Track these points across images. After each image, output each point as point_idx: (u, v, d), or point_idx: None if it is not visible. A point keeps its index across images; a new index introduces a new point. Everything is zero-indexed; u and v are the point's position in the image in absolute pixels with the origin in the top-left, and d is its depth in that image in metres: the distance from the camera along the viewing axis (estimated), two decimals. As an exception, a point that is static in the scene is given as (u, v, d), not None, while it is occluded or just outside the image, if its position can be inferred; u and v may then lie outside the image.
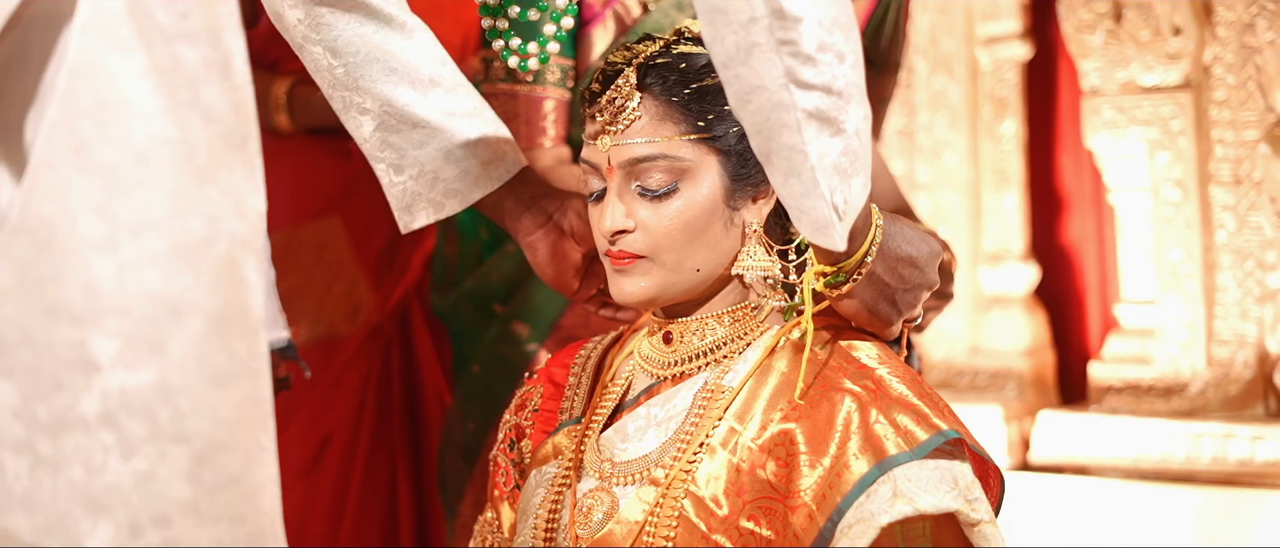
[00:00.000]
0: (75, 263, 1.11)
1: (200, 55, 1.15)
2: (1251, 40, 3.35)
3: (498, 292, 2.41)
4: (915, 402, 1.47)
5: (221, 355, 1.15)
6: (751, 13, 1.32)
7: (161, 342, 1.12)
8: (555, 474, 1.64)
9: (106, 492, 1.11)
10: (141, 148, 1.13)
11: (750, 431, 1.50)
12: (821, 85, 1.36)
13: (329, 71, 1.67)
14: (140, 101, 1.12)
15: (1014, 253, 3.90)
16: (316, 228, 2.83)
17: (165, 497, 1.12)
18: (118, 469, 1.11)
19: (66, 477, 1.11)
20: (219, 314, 1.15)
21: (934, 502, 1.40)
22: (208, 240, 1.15)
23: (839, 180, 1.40)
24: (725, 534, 1.48)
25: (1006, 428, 3.69)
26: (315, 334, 2.80)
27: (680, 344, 1.61)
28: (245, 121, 1.18)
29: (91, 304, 1.11)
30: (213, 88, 1.15)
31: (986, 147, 3.96)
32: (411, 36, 1.69)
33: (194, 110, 1.14)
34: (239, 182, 1.17)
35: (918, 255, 1.54)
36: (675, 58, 1.54)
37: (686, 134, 1.53)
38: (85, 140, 1.11)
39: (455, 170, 1.72)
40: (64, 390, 1.11)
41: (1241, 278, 3.40)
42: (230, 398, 1.15)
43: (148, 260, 1.12)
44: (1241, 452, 3.28)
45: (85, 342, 1.11)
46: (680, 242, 1.54)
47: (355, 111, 1.70)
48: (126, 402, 1.11)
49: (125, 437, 1.11)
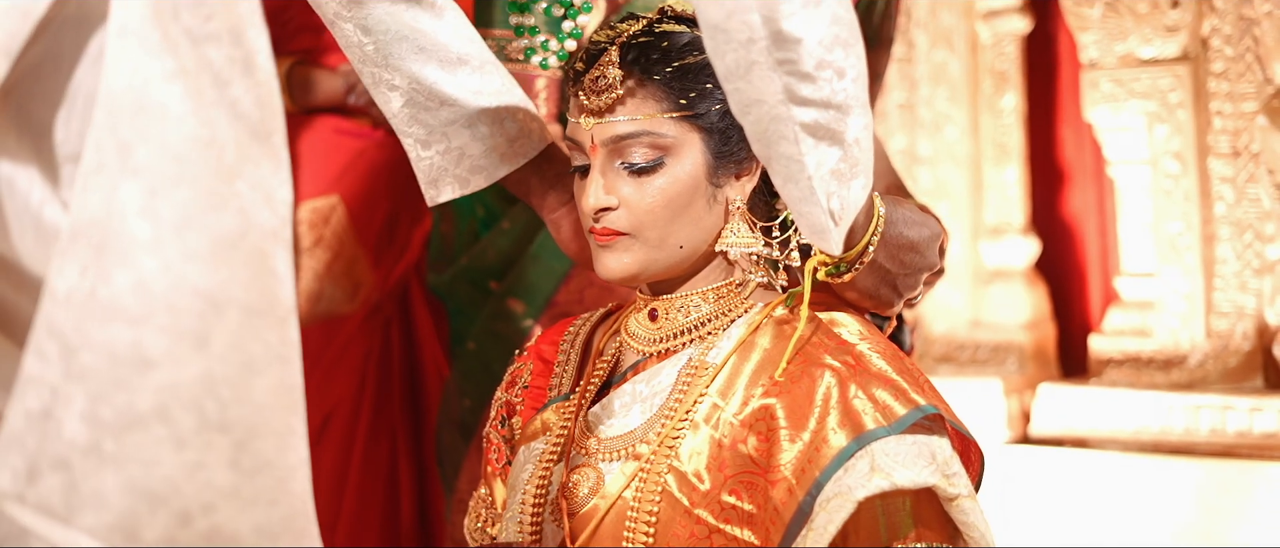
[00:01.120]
0: (126, 264, 1.15)
1: (224, 55, 1.19)
2: (1249, 12, 3.35)
3: (493, 269, 2.43)
4: (894, 377, 1.48)
5: (256, 345, 1.19)
6: (750, 34, 1.35)
7: (206, 335, 1.16)
8: (543, 450, 1.66)
9: (162, 484, 1.16)
10: (177, 149, 1.16)
11: (732, 406, 1.52)
12: (820, 101, 1.39)
13: (359, 48, 1.70)
14: (172, 104, 1.16)
15: (1014, 226, 3.91)
16: (317, 207, 2.84)
17: (212, 485, 1.17)
18: (171, 462, 1.16)
19: (127, 474, 1.15)
20: (252, 305, 1.19)
21: (911, 477, 1.42)
22: (241, 234, 1.19)
23: (837, 185, 1.44)
24: (707, 509, 1.49)
25: (1007, 401, 3.70)
26: (316, 312, 2.82)
27: (665, 321, 1.63)
28: (270, 115, 1.21)
29: (143, 303, 1.15)
30: (238, 85, 1.19)
31: (987, 120, 3.96)
32: (441, 15, 1.71)
33: (220, 109, 1.18)
34: (266, 175, 1.21)
35: (919, 240, 1.58)
36: (658, 36, 1.56)
37: (669, 112, 1.54)
38: (126, 143, 1.16)
39: (481, 147, 1.74)
40: (123, 389, 1.15)
41: (1240, 250, 3.40)
42: (264, 385, 1.19)
43: (189, 257, 1.17)
44: (1239, 424, 3.28)
45: (140, 340, 1.15)
46: (663, 219, 1.55)
47: (384, 88, 1.72)
48: (178, 396, 1.16)
49: (177, 430, 1.16)
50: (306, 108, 2.85)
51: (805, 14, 1.35)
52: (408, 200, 2.88)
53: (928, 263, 1.59)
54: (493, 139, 1.75)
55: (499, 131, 1.75)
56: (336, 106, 2.84)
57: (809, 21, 1.36)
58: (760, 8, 1.34)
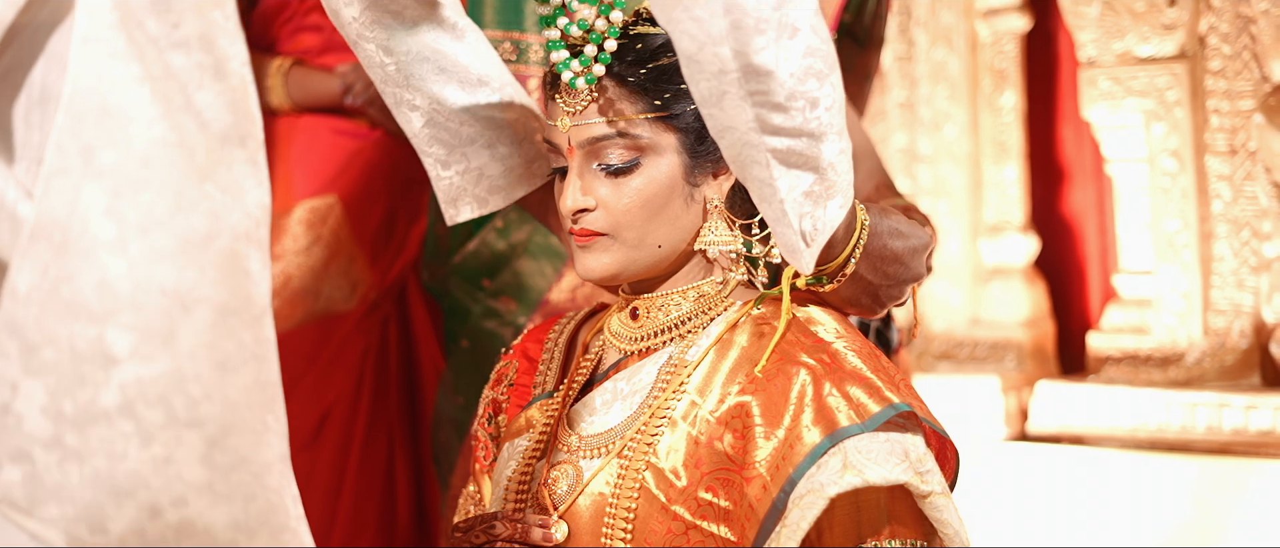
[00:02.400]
0: (89, 263, 1.17)
1: (194, 61, 1.20)
2: (1246, 10, 3.35)
3: (486, 268, 2.45)
4: (869, 375, 1.49)
5: (229, 343, 1.20)
6: (721, 66, 1.37)
7: (173, 333, 1.18)
8: (526, 447, 1.67)
9: (128, 478, 1.17)
10: (143, 151, 1.18)
11: (709, 403, 1.53)
12: (792, 130, 1.41)
13: (381, 68, 1.72)
14: (138, 108, 1.18)
15: (1014, 224, 3.92)
16: (314, 206, 2.86)
17: (182, 479, 1.18)
18: (138, 456, 1.17)
19: (92, 467, 1.17)
20: (225, 304, 1.20)
21: (883, 474, 1.43)
22: (211, 235, 1.20)
23: (810, 206, 1.46)
24: (684, 505, 1.51)
25: (1005, 399, 3.71)
26: (314, 311, 2.84)
27: (646, 319, 1.64)
28: (244, 120, 1.23)
29: (106, 301, 1.17)
30: (208, 91, 1.21)
31: (986, 119, 3.97)
32: (462, 37, 1.73)
33: (189, 114, 1.19)
34: (239, 178, 1.22)
35: (903, 251, 1.58)
36: (633, 38, 1.57)
37: (644, 113, 1.55)
38: (91, 146, 1.17)
39: (500, 168, 1.77)
40: (86, 385, 1.17)
41: (1237, 247, 3.41)
42: (238, 382, 1.21)
43: (156, 257, 1.18)
44: (1236, 421, 3.29)
45: (103, 337, 1.17)
46: (640, 219, 1.57)
47: (406, 108, 1.74)
48: (143, 392, 1.17)
49: (143, 425, 1.17)
50: (304, 108, 2.86)
51: (777, 48, 1.37)
52: (405, 200, 2.90)
53: (913, 274, 1.59)
54: (511, 160, 1.77)
55: (517, 153, 1.77)
56: (334, 107, 2.85)
57: (781, 55, 1.37)
58: (732, 42, 1.36)
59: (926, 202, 4.03)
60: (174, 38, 1.18)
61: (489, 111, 1.74)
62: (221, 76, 1.20)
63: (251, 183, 1.23)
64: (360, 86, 2.79)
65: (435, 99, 1.72)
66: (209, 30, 1.20)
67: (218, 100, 1.20)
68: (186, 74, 1.19)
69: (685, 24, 1.37)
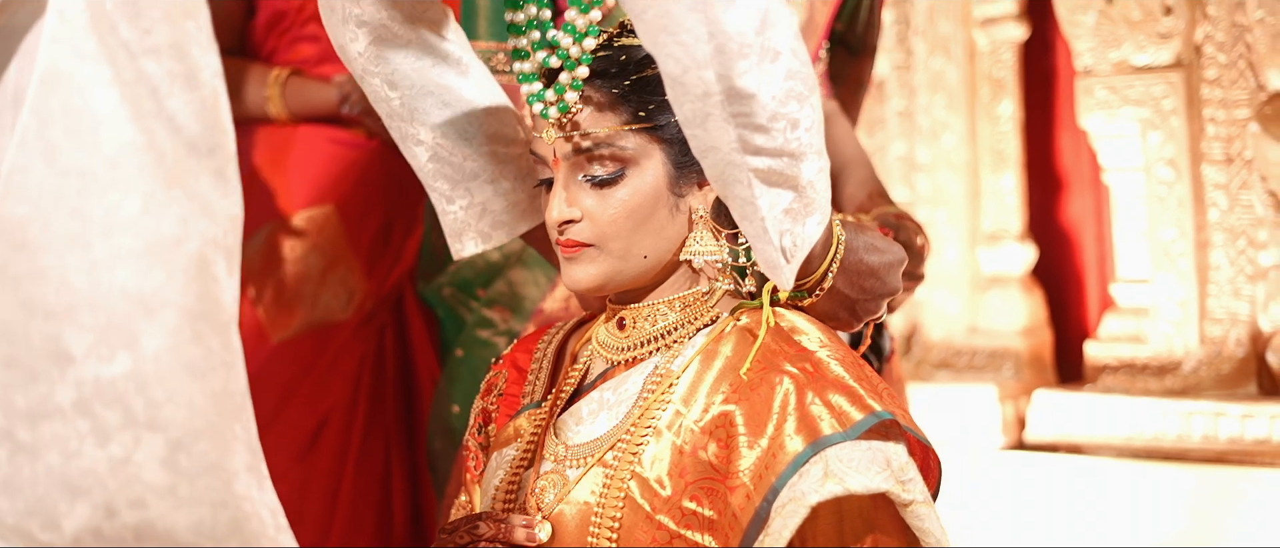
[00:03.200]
0: (49, 261, 1.16)
1: (164, 69, 1.20)
2: (1242, 19, 3.36)
3: (480, 278, 2.47)
4: (851, 384, 1.50)
5: (196, 349, 1.20)
6: (705, 88, 1.41)
7: (134, 335, 1.17)
8: (514, 456, 1.68)
9: (82, 475, 1.16)
10: (111, 153, 1.17)
11: (693, 413, 1.54)
12: (773, 150, 1.45)
13: (387, 103, 1.73)
14: (107, 110, 1.17)
15: (1012, 233, 3.92)
16: (311, 216, 2.87)
17: (140, 480, 1.17)
18: (93, 454, 1.16)
19: (45, 462, 1.16)
20: (192, 309, 1.20)
21: (864, 482, 1.44)
22: (179, 239, 1.20)
23: (790, 223, 1.49)
24: (669, 514, 1.52)
25: (1002, 407, 3.72)
26: (311, 320, 2.85)
27: (633, 329, 1.65)
28: (214, 131, 1.23)
29: (65, 299, 1.16)
30: (177, 99, 1.20)
31: (984, 127, 3.98)
32: (466, 72, 1.74)
33: (159, 120, 1.19)
34: (206, 189, 1.22)
35: (879, 266, 1.61)
36: (617, 50, 1.58)
37: (628, 124, 1.56)
38: (56, 146, 1.17)
39: (503, 203, 1.78)
40: (40, 381, 1.16)
41: (1234, 256, 3.41)
42: (206, 388, 1.20)
43: (119, 258, 1.17)
44: (1232, 430, 3.29)
45: (59, 335, 1.16)
46: (626, 229, 1.58)
47: (411, 142, 1.75)
48: (100, 391, 1.16)
49: (100, 424, 1.16)
50: (301, 117, 2.88)
51: (760, 71, 1.41)
52: (402, 209, 2.91)
53: (888, 288, 1.62)
54: (514, 195, 1.78)
55: (521, 188, 1.78)
56: (331, 116, 2.87)
57: (764, 78, 1.41)
58: (716, 65, 1.39)
59: (925, 210, 4.04)
60: (146, 44, 1.19)
61: (491, 147, 1.76)
62: (193, 86, 1.20)
63: (217, 194, 1.22)
64: (357, 96, 2.80)
65: (439, 134, 1.74)
66: (181, 39, 1.20)
67: (187, 109, 1.20)
68: (158, 80, 1.19)
69: (670, 47, 1.40)
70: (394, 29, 1.69)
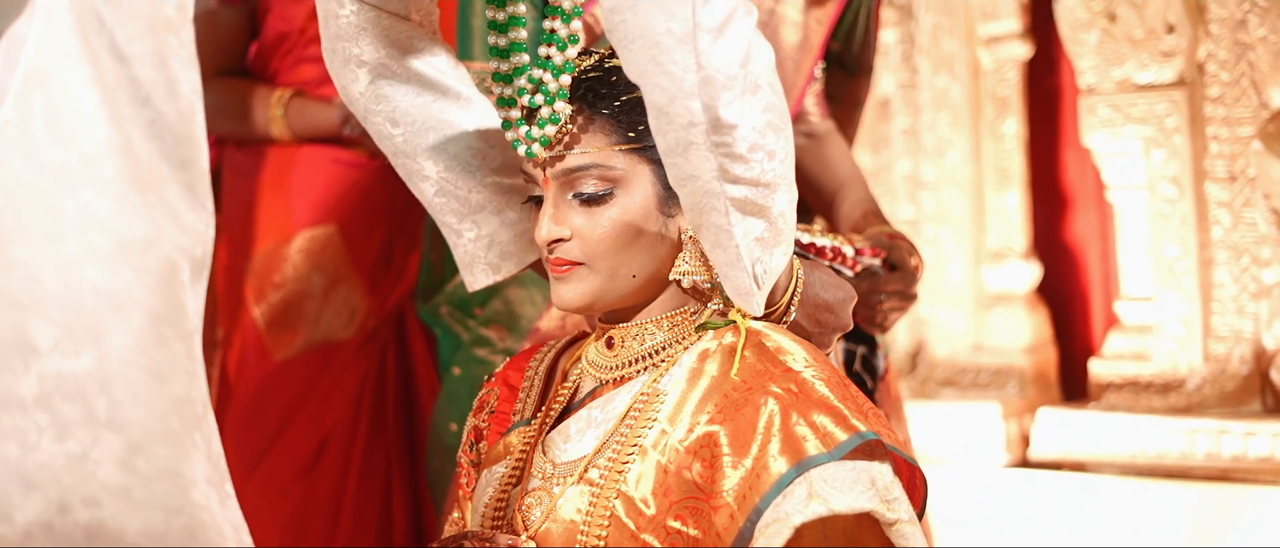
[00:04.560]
0: (20, 253, 1.17)
1: (145, 76, 1.21)
2: (1244, 37, 3.35)
3: (477, 296, 2.48)
4: (836, 404, 1.50)
5: (161, 352, 1.20)
6: (691, 118, 1.46)
7: (100, 333, 1.18)
8: (503, 474, 1.69)
9: (38, 469, 1.16)
10: (88, 152, 1.19)
11: (679, 432, 1.55)
12: (750, 179, 1.51)
13: (390, 140, 1.75)
14: (88, 110, 1.19)
15: (1016, 251, 3.92)
16: (314, 235, 2.89)
17: (96, 479, 1.17)
18: (51, 449, 1.16)
19: (1, 454, 1.16)
20: (159, 313, 1.21)
21: (848, 502, 1.44)
22: (149, 243, 1.20)
23: (761, 251, 1.55)
24: (653, 533, 1.52)
25: (1006, 425, 3.71)
26: (313, 339, 2.86)
27: (622, 348, 1.66)
28: (188, 145, 1.24)
29: (33, 292, 1.17)
30: (157, 105, 1.21)
31: (989, 145, 3.98)
32: (468, 107, 1.76)
33: (137, 125, 1.20)
34: (174, 199, 1.22)
35: (834, 301, 1.69)
36: (607, 71, 1.59)
37: (618, 144, 1.58)
38: (36, 141, 1.18)
39: (510, 233, 1.79)
40: (2, 371, 1.16)
41: (1237, 274, 3.41)
42: (167, 393, 1.20)
43: (90, 255, 1.18)
44: (1235, 448, 3.29)
45: (26, 327, 1.17)
46: (614, 248, 1.59)
47: (417, 178, 1.77)
48: (62, 386, 1.17)
49: (59, 419, 1.17)
50: (303, 138, 2.89)
51: (741, 103, 1.47)
52: (403, 228, 2.93)
53: (841, 323, 1.69)
54: (520, 226, 1.80)
55: (525, 219, 1.80)
56: (333, 137, 2.88)
57: (745, 109, 1.48)
58: (702, 95, 1.45)
59: (930, 228, 4.04)
60: (130, 51, 1.20)
61: (495, 178, 1.77)
62: (172, 97, 1.22)
63: (185, 206, 1.23)
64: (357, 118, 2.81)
65: (443, 169, 1.75)
66: (163, 50, 1.22)
67: (165, 118, 1.21)
68: (137, 86, 1.20)
69: (657, 78, 1.45)
70: (393, 68, 1.71)
